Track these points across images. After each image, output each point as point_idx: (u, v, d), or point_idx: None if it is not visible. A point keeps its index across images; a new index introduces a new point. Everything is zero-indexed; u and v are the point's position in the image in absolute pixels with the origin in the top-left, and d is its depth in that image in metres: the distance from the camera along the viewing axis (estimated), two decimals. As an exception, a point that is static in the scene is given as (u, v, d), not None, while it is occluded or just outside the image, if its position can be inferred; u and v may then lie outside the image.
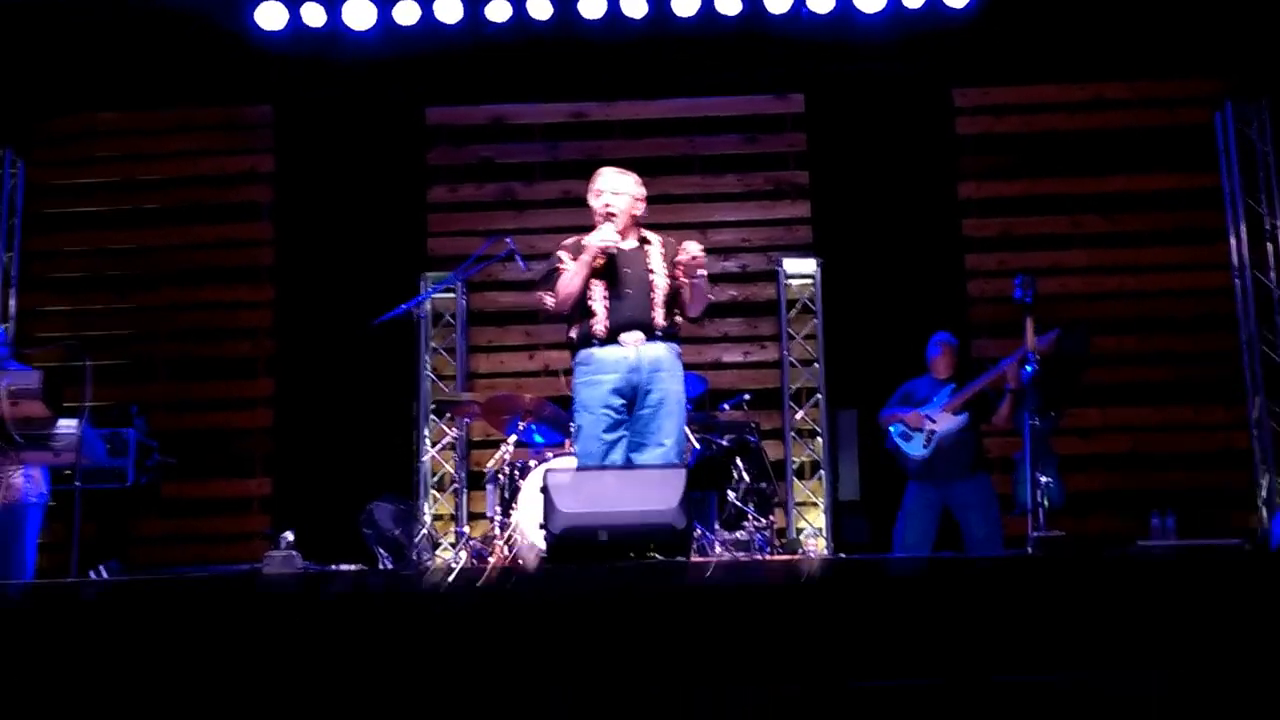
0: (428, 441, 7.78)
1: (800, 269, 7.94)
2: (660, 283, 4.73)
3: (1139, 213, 7.95)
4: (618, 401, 4.64)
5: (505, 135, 8.41)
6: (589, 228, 4.80)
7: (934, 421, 6.11)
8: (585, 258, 4.68)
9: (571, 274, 4.70)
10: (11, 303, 7.94)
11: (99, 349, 7.08)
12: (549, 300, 4.78)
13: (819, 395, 7.82)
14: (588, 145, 8.31)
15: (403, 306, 6.37)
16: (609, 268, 4.71)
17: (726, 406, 7.02)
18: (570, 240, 4.85)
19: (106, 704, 3.01)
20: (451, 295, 7.98)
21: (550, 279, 4.78)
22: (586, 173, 8.05)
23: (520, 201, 8.32)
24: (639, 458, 4.65)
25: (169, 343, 8.14)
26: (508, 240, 6.58)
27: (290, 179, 8.35)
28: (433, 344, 8.01)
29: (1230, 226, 7.68)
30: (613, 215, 4.73)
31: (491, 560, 5.95)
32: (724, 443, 6.59)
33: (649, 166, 5.04)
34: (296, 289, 8.18)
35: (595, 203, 4.81)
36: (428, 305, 7.90)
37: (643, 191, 4.87)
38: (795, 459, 7.79)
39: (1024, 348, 5.94)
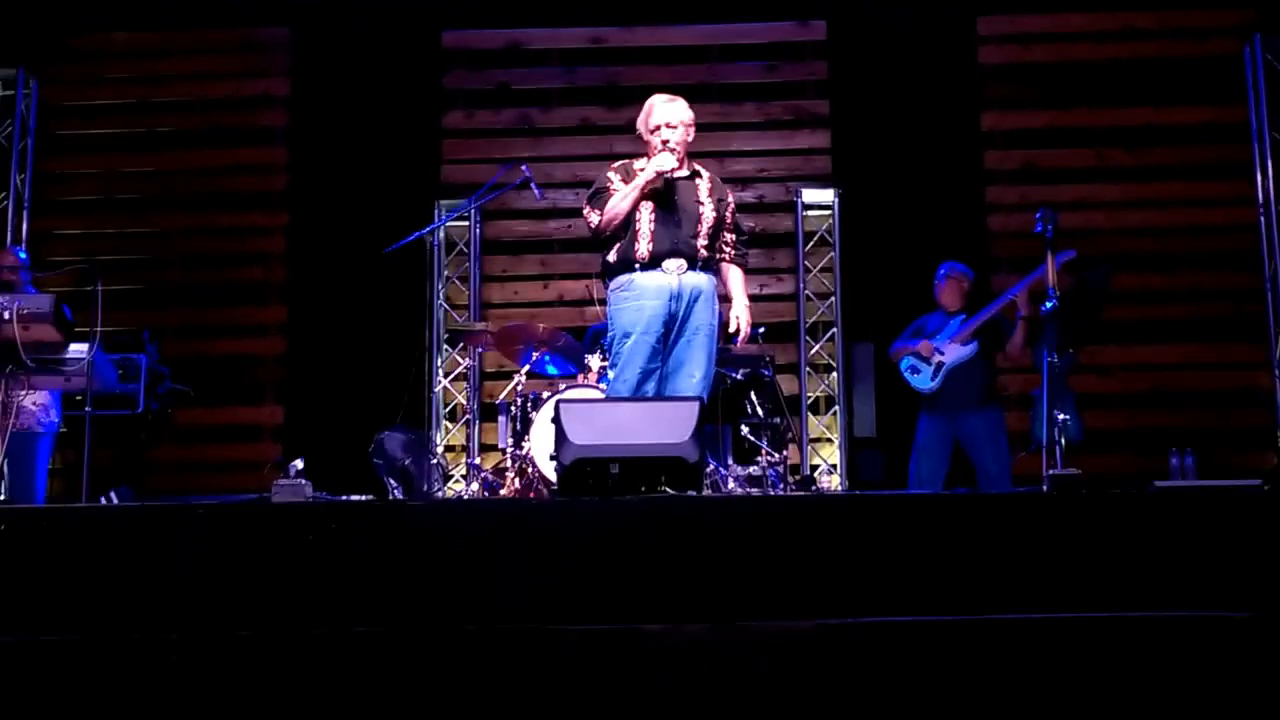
0: (440, 371, 7.75)
1: (819, 200, 7.84)
2: (708, 215, 4.76)
3: (1165, 146, 7.80)
4: (661, 330, 4.61)
5: (522, 60, 8.28)
6: (608, 156, 4.76)
7: (942, 353, 6.05)
8: (640, 181, 4.66)
9: (622, 195, 4.68)
10: (24, 225, 7.90)
11: (111, 273, 7.04)
12: (594, 218, 4.75)
13: (835, 329, 7.76)
14: (606, 71, 8.19)
15: (416, 234, 6.32)
16: (660, 194, 4.69)
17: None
18: (619, 164, 4.83)
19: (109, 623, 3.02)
20: (465, 223, 7.91)
21: (599, 198, 4.75)
22: (605, 99, 8.11)
23: (537, 128, 8.21)
24: (669, 387, 4.63)
25: (181, 268, 8.09)
26: (524, 168, 6.51)
27: (305, 103, 8.24)
28: (446, 272, 7.96)
29: (1257, 161, 7.53)
30: (672, 148, 4.71)
31: (503, 492, 5.95)
32: (738, 376, 6.54)
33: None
34: (310, 215, 8.10)
35: (653, 137, 4.76)
36: (441, 233, 7.84)
37: (692, 117, 4.86)
38: (810, 394, 7.75)
39: (1033, 277, 5.86)
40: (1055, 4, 7.95)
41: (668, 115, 4.78)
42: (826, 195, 7.82)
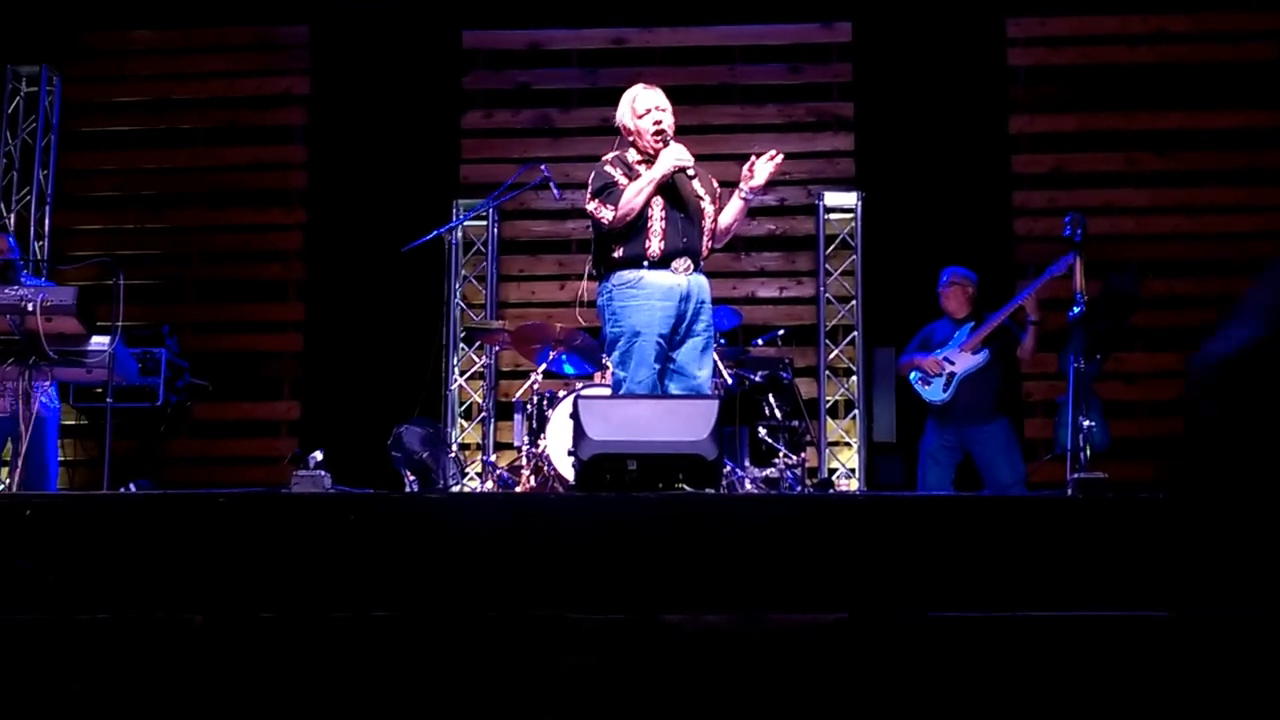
0: (456, 370, 7.72)
1: (840, 203, 7.76)
2: (709, 210, 4.67)
3: (1198, 151, 7.70)
4: (669, 331, 4.54)
5: (542, 61, 8.25)
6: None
7: (952, 363, 5.95)
8: (655, 174, 4.51)
9: (637, 190, 4.52)
10: (46, 221, 7.91)
11: (131, 268, 7.03)
12: (607, 213, 4.54)
13: (856, 333, 7.68)
14: (627, 72, 8.09)
15: (434, 233, 6.28)
16: (668, 189, 4.58)
17: (760, 342, 6.90)
18: (613, 157, 4.67)
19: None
20: (483, 223, 7.88)
21: (610, 192, 4.56)
22: (625, 100, 8.03)
23: (556, 129, 8.17)
24: (673, 388, 4.58)
25: (200, 264, 8.10)
26: (542, 168, 6.46)
27: (325, 101, 8.24)
28: (463, 271, 7.93)
29: (1292, 167, 7.43)
30: (665, 134, 4.60)
31: (518, 489, 5.90)
32: (756, 378, 6.49)
33: (689, 95, 4.86)
34: (328, 213, 8.10)
35: (643, 123, 4.61)
36: (459, 232, 7.81)
37: None
38: (829, 397, 7.67)
39: (1040, 281, 5.76)
40: (1086, 6, 7.86)
41: (657, 99, 4.65)
42: (849, 198, 7.75)
